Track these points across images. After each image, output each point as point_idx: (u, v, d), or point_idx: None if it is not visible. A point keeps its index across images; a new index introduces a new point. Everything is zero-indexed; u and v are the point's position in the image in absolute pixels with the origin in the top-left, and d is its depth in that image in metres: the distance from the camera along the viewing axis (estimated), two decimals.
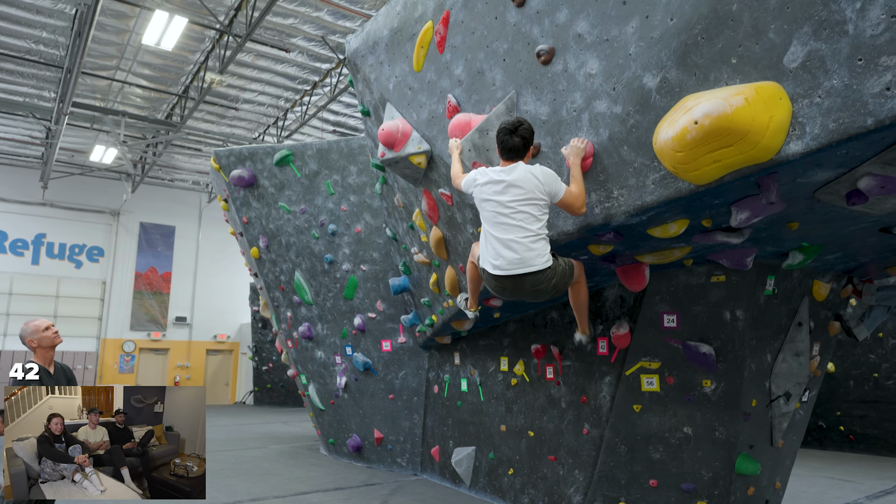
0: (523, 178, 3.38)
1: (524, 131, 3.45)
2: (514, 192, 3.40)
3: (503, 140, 3.48)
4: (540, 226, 3.43)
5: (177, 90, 15.33)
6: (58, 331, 4.06)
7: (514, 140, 3.44)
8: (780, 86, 2.59)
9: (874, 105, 2.37)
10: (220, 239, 23.25)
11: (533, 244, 3.41)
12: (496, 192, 3.46)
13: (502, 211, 3.44)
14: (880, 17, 2.31)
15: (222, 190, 9.66)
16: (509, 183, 3.41)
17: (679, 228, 3.47)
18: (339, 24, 12.46)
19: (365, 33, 5.31)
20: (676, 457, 4.88)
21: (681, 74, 2.91)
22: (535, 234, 3.41)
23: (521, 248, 3.41)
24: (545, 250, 3.46)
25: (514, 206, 3.40)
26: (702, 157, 2.79)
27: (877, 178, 2.78)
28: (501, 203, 3.43)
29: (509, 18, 3.82)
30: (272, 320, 10.15)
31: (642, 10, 3.05)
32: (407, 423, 8.17)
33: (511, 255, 3.43)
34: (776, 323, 4.87)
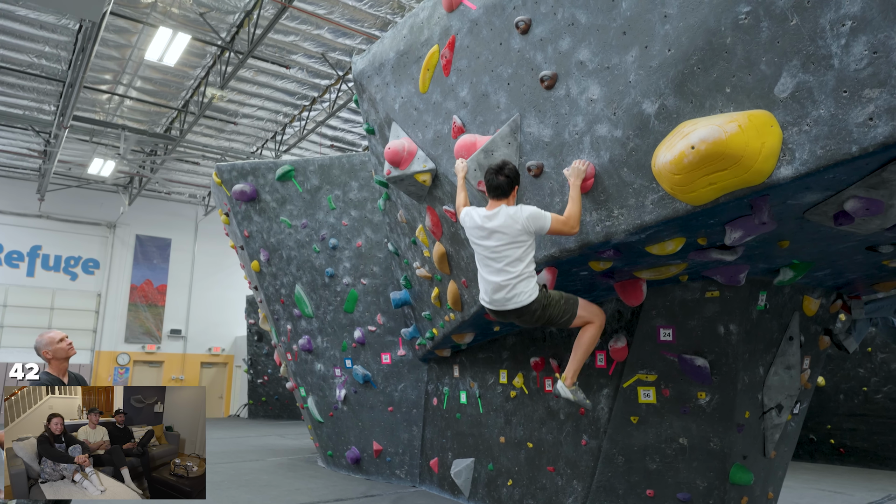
0: (505, 225, 3.63)
1: (509, 171, 3.68)
2: (497, 237, 3.68)
3: (489, 180, 3.73)
4: (524, 266, 3.70)
5: (176, 104, 15.48)
6: (72, 342, 4.17)
7: (499, 179, 3.67)
8: (772, 114, 2.78)
9: (858, 134, 2.55)
10: (215, 252, 23.33)
11: (517, 285, 3.70)
12: (481, 237, 3.77)
13: (488, 255, 3.76)
14: (863, 53, 2.50)
15: (223, 204, 9.78)
16: (492, 230, 3.69)
17: (676, 246, 3.63)
18: (340, 41, 12.69)
19: (371, 55, 5.49)
20: (672, 467, 5.02)
21: (678, 101, 3.09)
22: (518, 276, 3.69)
23: (506, 290, 3.72)
24: (529, 287, 3.73)
25: (498, 251, 3.70)
26: (698, 179, 2.96)
27: (862, 201, 2.95)
28: (487, 248, 3.75)
29: (513, 45, 4.00)
30: (271, 333, 10.25)
31: (641, 40, 3.23)
32: (406, 435, 8.26)
33: (498, 295, 3.77)
34: (768, 337, 5.04)
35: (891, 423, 9.96)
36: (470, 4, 4.32)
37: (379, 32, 12.23)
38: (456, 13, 4.47)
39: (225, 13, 11.71)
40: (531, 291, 3.73)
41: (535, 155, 3.90)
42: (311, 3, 11.20)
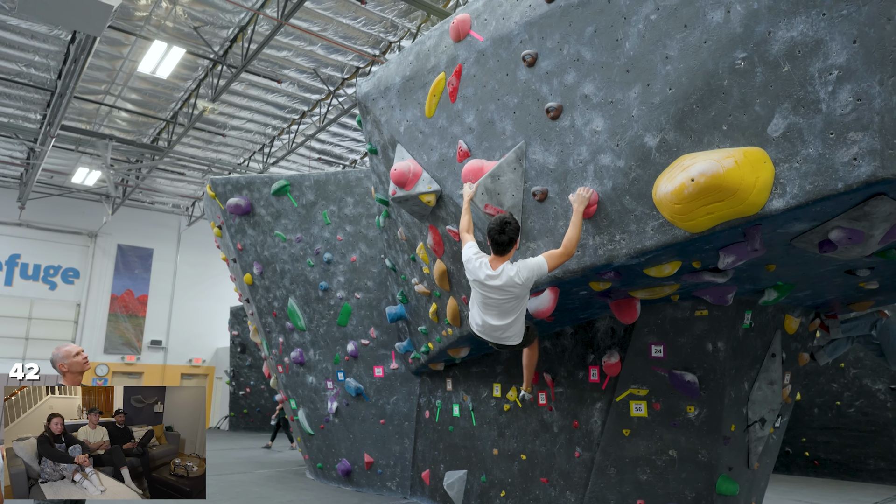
0: (508, 285, 3.97)
1: (512, 231, 3.99)
2: (499, 293, 4.04)
3: (494, 237, 4.00)
4: (518, 313, 4.17)
5: (165, 115, 15.52)
6: (87, 356, 4.27)
7: (502, 238, 3.98)
8: (765, 151, 3.04)
9: (844, 172, 2.82)
10: (198, 262, 23.25)
11: (510, 327, 4.23)
12: (484, 288, 4.09)
13: (488, 303, 4.16)
14: (848, 100, 2.77)
15: (216, 217, 9.87)
16: (496, 287, 4.02)
17: (672, 269, 3.88)
18: (332, 57, 12.89)
19: (376, 78, 5.70)
20: (662, 478, 5.24)
21: (678, 136, 3.35)
22: (513, 321, 4.19)
23: (501, 331, 4.27)
24: (520, 327, 4.26)
25: (499, 304, 4.13)
26: (697, 209, 3.21)
27: (845, 231, 3.22)
28: (488, 296, 4.12)
29: (520, 76, 4.24)
30: (262, 346, 10.32)
31: (644, 79, 3.49)
32: (397, 447, 8.39)
33: (494, 334, 4.32)
34: (752, 354, 5.31)
35: (862, 436, 10.34)
36: (477, 36, 4.56)
37: (371, 50, 12.47)
38: (463, 43, 4.70)
39: (219, 27, 11.85)
40: (521, 331, 4.31)
41: (540, 181, 4.12)
42: (306, 20, 11.40)
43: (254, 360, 19.18)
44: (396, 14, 11.32)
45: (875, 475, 10.15)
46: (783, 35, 2.92)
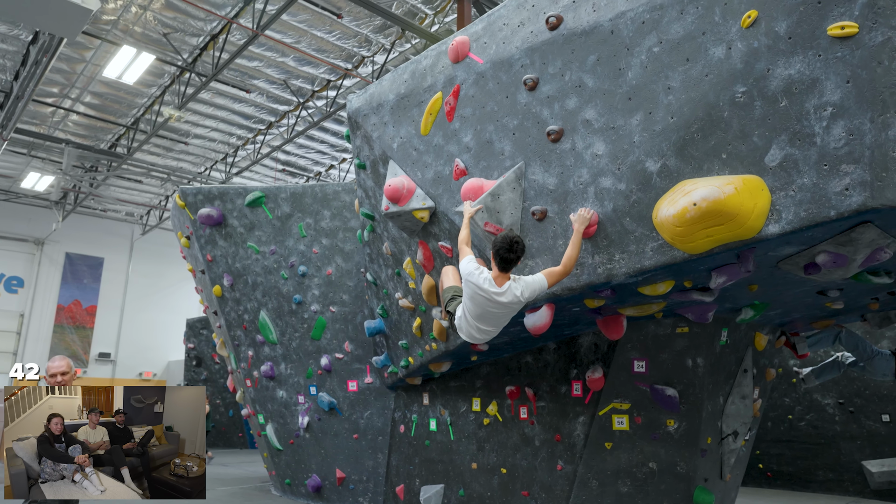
0: (512, 302, 4.00)
1: (520, 250, 3.92)
2: (501, 308, 4.06)
3: (503, 255, 3.92)
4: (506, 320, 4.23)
5: (126, 121, 15.12)
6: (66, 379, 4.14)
7: (511, 256, 3.92)
8: (762, 179, 3.25)
9: (836, 201, 3.05)
10: (151, 273, 22.59)
11: (497, 332, 4.28)
12: (487, 303, 4.03)
13: (487, 317, 4.13)
14: (841, 135, 3.01)
15: (185, 227, 9.68)
16: (501, 304, 4.02)
17: (666, 288, 4.06)
18: (303, 69, 12.87)
19: (368, 95, 5.77)
20: (642, 490, 5.41)
21: (679, 163, 3.54)
22: (501, 328, 4.26)
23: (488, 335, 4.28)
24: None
25: (497, 317, 4.14)
26: (697, 232, 3.39)
27: (831, 255, 3.46)
28: (489, 310, 4.08)
29: (520, 99, 4.38)
30: (229, 359, 10.12)
31: (646, 107, 3.67)
32: (370, 462, 8.35)
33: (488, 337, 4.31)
34: (727, 369, 5.57)
35: (813, 448, 10.84)
36: (477, 58, 4.69)
37: (343, 63, 12.51)
38: (461, 64, 4.83)
39: (189, 35, 11.68)
40: None
41: (539, 200, 4.26)
42: (280, 31, 11.36)
43: (210, 373, 18.69)
44: (372, 30, 11.42)
45: (824, 486, 10.64)
46: (781, 73, 3.15)
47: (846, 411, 10.48)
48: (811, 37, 3.06)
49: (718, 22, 3.36)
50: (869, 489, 10.00)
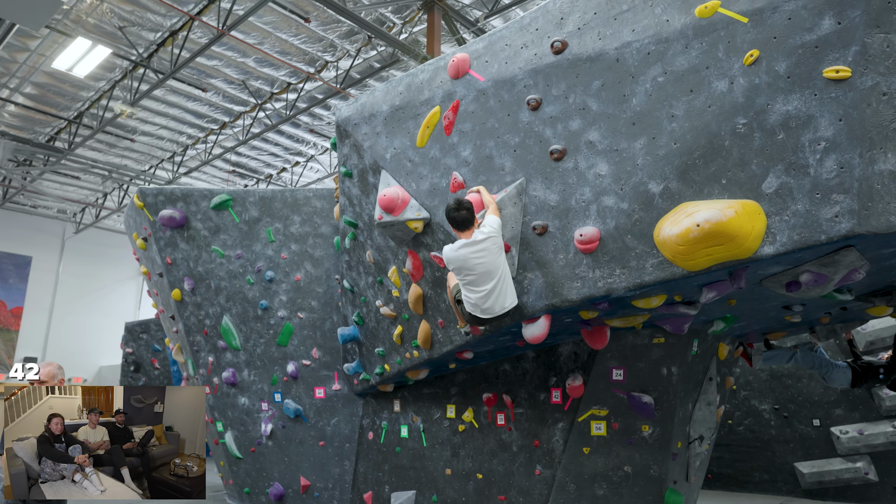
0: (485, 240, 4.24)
1: (467, 204, 4.39)
2: (480, 253, 4.26)
3: (453, 217, 4.41)
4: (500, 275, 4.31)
5: (68, 115, 14.43)
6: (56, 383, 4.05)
7: (461, 214, 4.38)
8: (759, 204, 3.54)
9: (827, 226, 3.37)
10: (83, 273, 21.54)
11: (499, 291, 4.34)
12: (467, 258, 4.30)
13: (474, 275, 4.34)
14: (833, 167, 3.33)
15: (143, 228, 9.37)
16: (476, 249, 4.25)
17: (659, 301, 4.32)
18: (263, 70, 12.69)
19: (360, 104, 5.82)
20: (617, 493, 5.68)
21: (681, 186, 3.80)
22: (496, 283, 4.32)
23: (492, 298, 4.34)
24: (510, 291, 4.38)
25: (485, 266, 4.28)
26: (699, 251, 3.66)
27: (813, 274, 3.80)
28: (471, 264, 4.31)
29: (522, 118, 4.57)
30: (186, 365, 9.83)
31: (650, 132, 3.92)
32: (337, 469, 8.32)
33: (486, 304, 4.37)
34: (695, 378, 5.92)
35: (750, 451, 11.53)
36: (477, 76, 4.85)
37: (306, 67, 12.41)
38: (461, 81, 4.97)
39: (146, 30, 11.31)
40: (510, 303, 4.39)
41: (540, 216, 4.45)
42: (243, 31, 11.18)
43: (149, 380, 17.95)
44: (338, 35, 11.40)
45: (760, 486, 11.34)
46: (780, 108, 3.46)
47: (781, 416, 11.21)
48: (808, 77, 3.37)
49: (722, 58, 3.64)
50: (800, 489, 10.75)
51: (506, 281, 4.37)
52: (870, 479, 9.91)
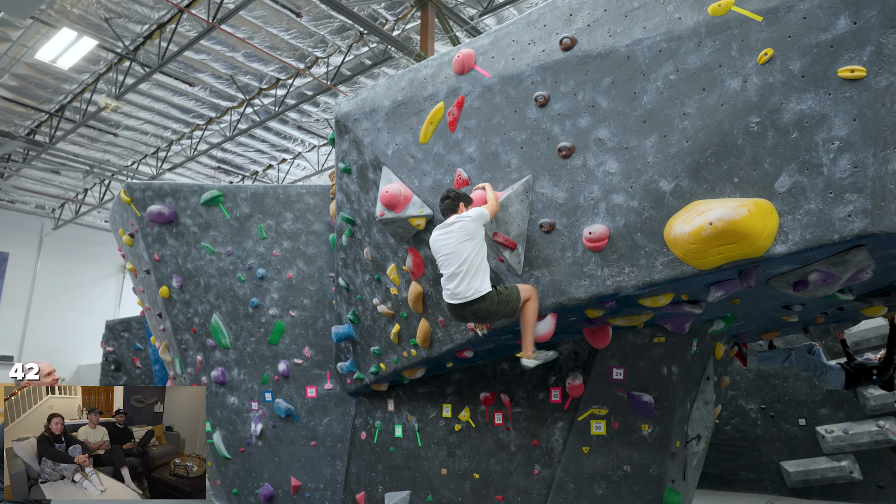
0: (457, 222, 4.32)
1: (451, 193, 4.54)
2: (451, 234, 4.31)
3: (440, 207, 4.58)
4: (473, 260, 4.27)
5: (49, 108, 14.11)
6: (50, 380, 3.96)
7: (445, 203, 4.53)
8: (772, 203, 3.54)
9: (840, 226, 3.38)
10: (62, 270, 21.11)
11: (469, 278, 4.26)
12: (439, 240, 4.40)
13: (444, 255, 4.38)
14: (847, 167, 3.34)
15: (129, 224, 9.19)
16: (448, 230, 4.35)
17: (666, 300, 4.32)
18: (252, 65, 12.52)
19: (360, 99, 5.74)
20: (616, 492, 5.67)
21: (692, 184, 3.79)
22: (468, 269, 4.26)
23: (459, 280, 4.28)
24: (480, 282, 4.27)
25: (456, 246, 4.28)
26: (710, 249, 3.65)
27: (822, 273, 3.82)
28: (443, 245, 4.38)
29: (529, 114, 4.53)
30: (173, 364, 9.65)
31: (661, 130, 3.91)
32: (329, 469, 8.22)
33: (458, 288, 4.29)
34: (694, 377, 5.94)
35: (736, 450, 11.64)
36: (483, 72, 4.80)
37: (296, 63, 12.28)
38: (466, 76, 4.92)
39: (133, 22, 11.10)
40: (484, 288, 4.26)
41: (548, 213, 4.42)
42: (233, 25, 11.02)
43: (129, 379, 17.66)
44: (329, 31, 11.29)
45: (746, 485, 11.46)
46: (794, 107, 3.46)
47: (767, 416, 11.34)
48: (823, 77, 3.38)
49: (735, 57, 3.64)
50: (786, 487, 10.87)
51: (475, 266, 4.27)
52: (854, 477, 10.05)
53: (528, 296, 4.46)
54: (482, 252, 4.31)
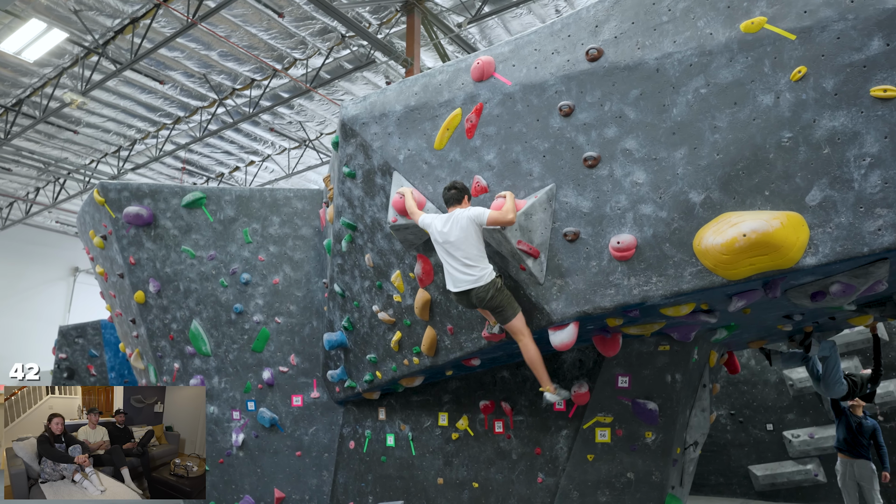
0: (460, 216, 4.51)
1: (457, 184, 4.74)
2: (452, 225, 4.54)
3: (444, 196, 4.76)
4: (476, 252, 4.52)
5: (6, 101, 13.40)
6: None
7: (450, 193, 4.73)
8: (803, 216, 3.64)
9: (870, 239, 3.50)
10: (8, 273, 20.05)
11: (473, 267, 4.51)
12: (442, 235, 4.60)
13: (446, 249, 4.63)
14: (877, 182, 3.47)
15: (102, 225, 8.80)
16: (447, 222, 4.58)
17: (688, 309, 4.39)
18: (226, 64, 12.20)
19: (369, 103, 5.65)
20: (620, 499, 5.72)
21: (722, 196, 3.87)
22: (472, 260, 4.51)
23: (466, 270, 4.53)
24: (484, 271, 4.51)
25: (459, 238, 4.53)
26: (742, 260, 3.73)
27: (843, 285, 3.95)
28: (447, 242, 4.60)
29: (553, 123, 4.54)
30: (147, 372, 9.26)
31: (691, 143, 3.98)
32: (314, 480, 8.02)
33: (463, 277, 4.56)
34: (694, 384, 6.06)
35: (706, 455, 11.91)
36: (504, 79, 4.80)
37: (274, 63, 12.03)
38: (485, 83, 4.91)
39: (105, 15, 10.66)
40: (486, 276, 4.49)
41: (571, 222, 4.43)
42: (211, 23, 10.71)
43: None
44: (311, 33, 11.10)
45: (716, 489, 11.76)
46: (826, 124, 3.57)
47: (736, 421, 11.69)
48: (855, 95, 3.50)
49: (768, 73, 3.74)
50: (754, 491, 11.22)
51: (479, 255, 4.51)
52: (819, 480, 10.45)
53: (524, 331, 4.69)
54: (482, 243, 4.57)
